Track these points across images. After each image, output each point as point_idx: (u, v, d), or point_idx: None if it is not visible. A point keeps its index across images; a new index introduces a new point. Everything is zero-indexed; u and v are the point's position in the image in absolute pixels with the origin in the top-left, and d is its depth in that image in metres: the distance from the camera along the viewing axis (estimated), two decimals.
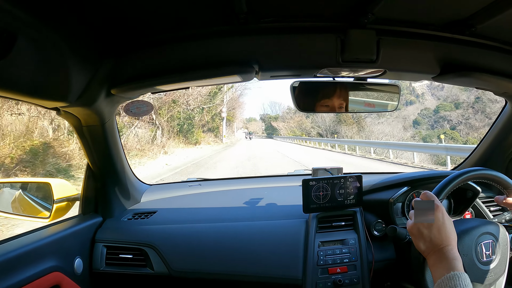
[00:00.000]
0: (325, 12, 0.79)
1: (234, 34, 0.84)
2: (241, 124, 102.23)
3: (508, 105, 1.19)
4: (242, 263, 1.04)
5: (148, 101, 1.04)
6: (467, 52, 0.91)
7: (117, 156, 1.14)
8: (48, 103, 0.81)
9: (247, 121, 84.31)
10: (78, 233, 1.05)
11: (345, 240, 1.07)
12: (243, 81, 0.93)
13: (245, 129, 72.50)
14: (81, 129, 1.01)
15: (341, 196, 1.12)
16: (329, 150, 18.21)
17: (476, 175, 0.90)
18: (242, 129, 73.80)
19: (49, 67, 0.69)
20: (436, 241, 0.73)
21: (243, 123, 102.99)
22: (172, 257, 1.06)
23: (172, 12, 0.75)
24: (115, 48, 0.85)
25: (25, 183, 1.27)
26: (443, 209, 0.76)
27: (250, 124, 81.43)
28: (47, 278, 0.86)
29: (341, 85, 0.98)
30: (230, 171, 8.80)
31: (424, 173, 1.23)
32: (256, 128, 77.27)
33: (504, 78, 0.96)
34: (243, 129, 71.53)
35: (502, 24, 0.80)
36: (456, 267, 0.67)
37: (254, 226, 1.14)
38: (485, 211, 1.19)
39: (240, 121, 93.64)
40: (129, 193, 1.30)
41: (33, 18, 0.60)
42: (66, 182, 1.17)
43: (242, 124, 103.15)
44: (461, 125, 35.13)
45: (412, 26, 0.85)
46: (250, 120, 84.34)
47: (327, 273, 1.00)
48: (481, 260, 0.85)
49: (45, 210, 1.14)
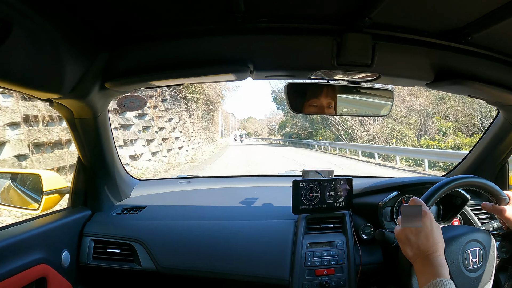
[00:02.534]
0: (322, 15, 0.79)
1: (231, 32, 0.84)
2: (238, 124, 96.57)
3: (500, 114, 1.20)
4: (230, 262, 1.04)
5: (142, 96, 1.04)
6: (461, 60, 0.92)
7: (109, 150, 1.14)
8: (41, 94, 0.81)
9: (245, 121, 78.99)
10: (66, 226, 1.05)
11: (333, 242, 1.08)
12: (237, 80, 0.93)
13: (242, 130, 66.11)
14: (73, 122, 1.01)
15: (331, 198, 1.12)
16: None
17: (465, 182, 0.91)
18: (239, 130, 68.56)
19: (44, 58, 0.69)
20: (423, 248, 0.73)
21: (240, 123, 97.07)
22: (159, 253, 1.06)
23: (169, 7, 0.75)
24: (110, 41, 0.85)
25: (15, 174, 1.27)
26: (431, 216, 0.77)
27: (250, 124, 74.72)
28: (33, 270, 0.86)
29: (335, 87, 0.99)
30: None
31: (414, 179, 1.24)
32: (257, 129, 67.12)
33: (498, 88, 0.96)
34: (240, 130, 66.62)
35: (497, 34, 0.81)
36: (442, 274, 0.68)
37: (243, 225, 1.14)
38: (473, 219, 1.20)
39: (237, 121, 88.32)
40: (119, 188, 1.30)
41: (29, 8, 0.60)
42: (56, 174, 1.17)
43: (239, 125, 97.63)
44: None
45: (408, 32, 0.85)
46: (248, 120, 78.16)
47: (314, 275, 1.01)
48: (467, 267, 0.86)
49: (34, 201, 1.13)
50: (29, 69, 0.66)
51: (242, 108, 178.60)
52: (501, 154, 1.28)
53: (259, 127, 62.42)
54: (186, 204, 1.35)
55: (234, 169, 9.68)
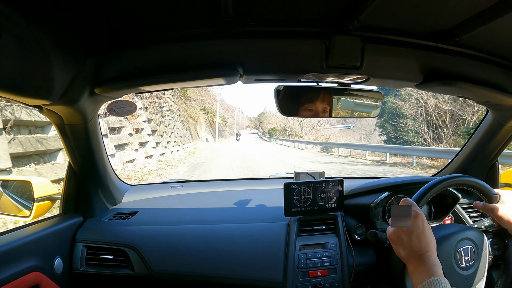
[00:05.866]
0: (311, 18, 0.80)
1: (220, 37, 0.84)
2: (247, 121, 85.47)
3: (489, 114, 1.22)
4: (223, 265, 1.04)
5: (132, 101, 1.04)
6: (450, 61, 0.93)
7: (99, 155, 1.13)
8: (30, 100, 0.80)
9: (261, 116, 62.81)
10: (58, 233, 1.04)
11: (326, 244, 1.08)
12: (227, 84, 0.93)
13: (257, 129, 55.67)
14: (63, 128, 1.00)
15: (323, 200, 1.13)
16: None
17: (456, 181, 0.92)
18: (248, 129, 61.46)
19: (32, 64, 0.68)
20: (415, 248, 0.74)
21: (250, 121, 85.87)
22: (152, 258, 1.06)
23: (158, 12, 0.74)
24: (99, 46, 0.84)
25: (5, 181, 1.25)
26: (423, 216, 0.77)
27: (265, 120, 56.21)
28: (26, 278, 0.85)
29: (325, 90, 0.99)
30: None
31: (405, 179, 1.25)
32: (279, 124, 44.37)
33: (486, 88, 0.97)
34: (249, 129, 58.35)
35: (485, 35, 0.81)
36: (436, 273, 0.69)
37: (235, 229, 1.14)
38: (465, 217, 1.21)
39: (245, 117, 77.24)
40: (110, 193, 1.29)
41: (17, 14, 0.59)
42: (47, 180, 1.16)
43: (249, 122, 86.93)
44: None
45: (397, 34, 0.86)
46: (263, 115, 60.11)
47: (307, 276, 1.01)
48: (460, 266, 0.87)
49: (26, 209, 1.12)
50: (18, 75, 0.66)
51: (253, 101, 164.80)
52: (491, 153, 1.29)
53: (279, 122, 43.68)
54: (178, 208, 1.34)
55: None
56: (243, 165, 10.72)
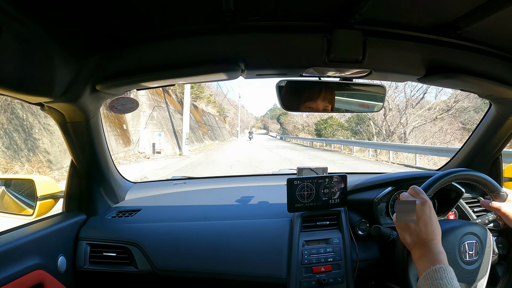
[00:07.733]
0: (312, 12, 0.79)
1: (221, 32, 0.84)
2: (253, 120, 72.02)
3: (492, 108, 1.21)
4: (227, 262, 1.04)
5: (134, 98, 1.03)
6: (452, 55, 0.92)
7: (102, 153, 1.13)
8: (32, 98, 0.80)
9: (270, 111, 54.86)
10: (61, 231, 1.04)
11: (330, 239, 1.08)
12: (229, 79, 0.93)
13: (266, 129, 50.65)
14: (65, 125, 1.00)
15: (326, 195, 1.12)
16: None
17: (463, 175, 0.91)
18: (253, 129, 53.14)
19: (34, 62, 0.68)
20: (422, 235, 0.74)
21: (255, 120, 74.64)
22: (156, 255, 1.06)
23: (158, 9, 0.74)
24: (100, 43, 0.84)
25: (8, 180, 1.26)
26: (430, 204, 0.77)
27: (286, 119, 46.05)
28: (30, 276, 0.85)
29: (327, 85, 0.98)
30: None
31: (408, 174, 1.25)
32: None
33: (489, 81, 0.97)
34: (254, 128, 51.75)
35: (487, 27, 0.81)
36: (441, 261, 0.69)
37: (238, 225, 1.14)
38: (468, 212, 1.21)
39: (250, 115, 66.15)
40: (113, 191, 1.29)
41: (19, 12, 0.60)
42: (49, 178, 1.16)
43: (255, 121, 70.31)
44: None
45: (399, 28, 0.85)
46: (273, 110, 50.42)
47: (311, 272, 1.01)
48: (464, 260, 0.86)
49: (29, 207, 1.12)
50: (19, 73, 0.66)
51: (259, 99, 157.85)
52: (494, 147, 1.28)
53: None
54: (181, 205, 1.34)
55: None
56: None
